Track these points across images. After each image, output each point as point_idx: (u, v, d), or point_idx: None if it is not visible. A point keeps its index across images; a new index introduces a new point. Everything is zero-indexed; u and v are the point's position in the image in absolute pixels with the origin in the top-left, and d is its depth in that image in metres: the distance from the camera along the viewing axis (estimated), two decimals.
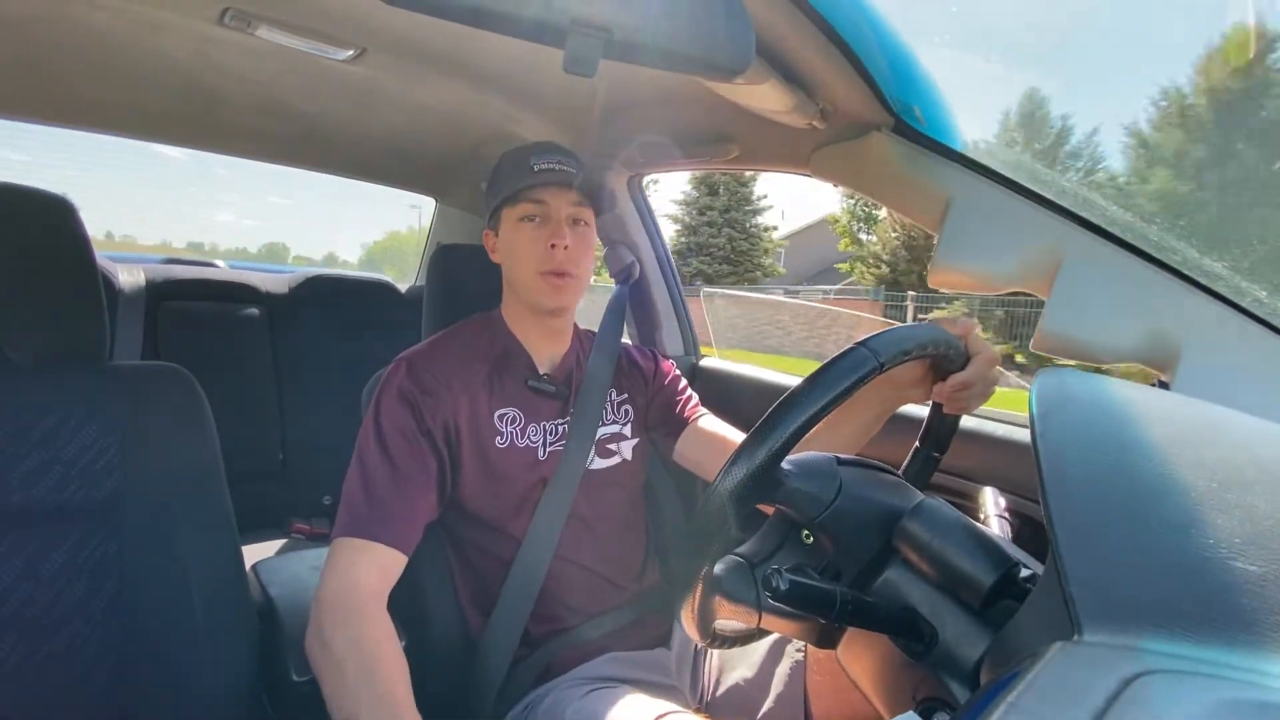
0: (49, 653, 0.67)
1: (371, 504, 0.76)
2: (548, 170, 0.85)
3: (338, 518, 0.76)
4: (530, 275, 0.87)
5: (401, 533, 0.75)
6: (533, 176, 0.85)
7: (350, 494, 0.77)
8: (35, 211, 0.70)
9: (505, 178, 0.89)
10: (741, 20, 0.56)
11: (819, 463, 0.56)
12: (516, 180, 0.86)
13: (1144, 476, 0.36)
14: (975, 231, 0.80)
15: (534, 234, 0.86)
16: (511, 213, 0.88)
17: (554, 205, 0.87)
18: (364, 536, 0.74)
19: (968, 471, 0.92)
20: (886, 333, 0.56)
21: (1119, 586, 0.32)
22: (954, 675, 0.46)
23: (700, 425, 0.98)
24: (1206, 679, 0.26)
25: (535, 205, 0.87)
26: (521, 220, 0.87)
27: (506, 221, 0.89)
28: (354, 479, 0.78)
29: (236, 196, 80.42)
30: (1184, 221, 9.20)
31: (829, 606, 0.48)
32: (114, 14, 0.93)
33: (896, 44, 0.80)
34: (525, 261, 0.87)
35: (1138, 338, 0.74)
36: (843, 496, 0.54)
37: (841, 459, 0.57)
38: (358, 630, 0.68)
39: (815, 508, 0.53)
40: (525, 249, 0.87)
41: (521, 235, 0.87)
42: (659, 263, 1.52)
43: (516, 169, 0.87)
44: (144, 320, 1.52)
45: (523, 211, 0.87)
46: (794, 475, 0.53)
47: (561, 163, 0.87)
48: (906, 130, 0.85)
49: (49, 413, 0.70)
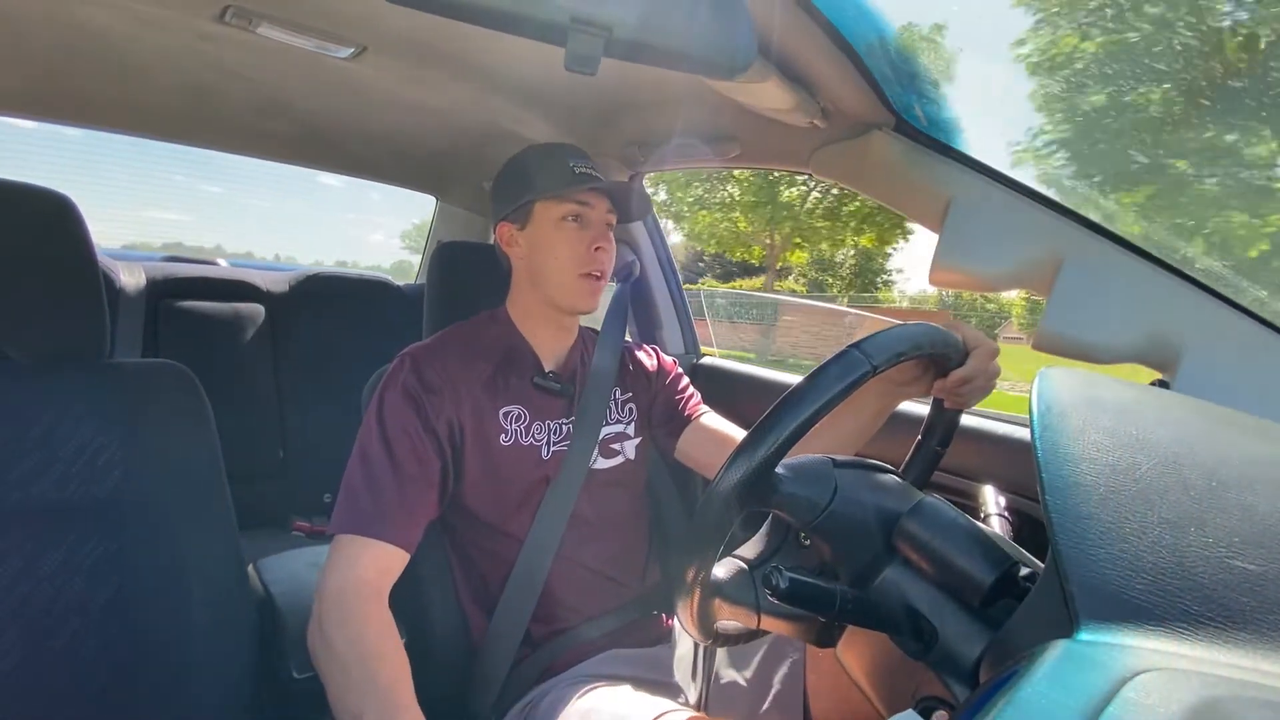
0: (48, 651, 0.67)
1: (374, 500, 0.75)
2: (587, 175, 0.86)
3: (336, 512, 0.76)
4: (569, 276, 0.87)
5: (404, 530, 0.75)
6: (576, 179, 0.85)
7: (351, 489, 0.77)
8: (36, 209, 0.70)
9: (541, 174, 0.87)
10: (743, 19, 0.56)
11: (814, 466, 0.55)
12: (558, 179, 0.86)
13: (1144, 475, 0.36)
14: (976, 231, 0.80)
15: (577, 235, 0.86)
16: (552, 210, 0.87)
17: (596, 209, 0.87)
18: (366, 534, 0.73)
19: (968, 470, 0.92)
20: (880, 334, 0.56)
21: (1118, 585, 0.32)
22: (953, 674, 0.46)
23: (702, 422, 0.98)
24: (1205, 677, 0.26)
25: (580, 207, 0.86)
26: (564, 220, 0.86)
27: (543, 219, 0.87)
28: (356, 474, 0.78)
29: (388, 219, 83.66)
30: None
31: (829, 605, 0.48)
32: (114, 11, 0.93)
33: (897, 43, 0.80)
34: (565, 261, 0.86)
35: (1138, 337, 0.74)
36: (838, 500, 0.53)
37: (838, 461, 0.56)
38: (359, 628, 0.68)
39: (810, 513, 0.53)
40: (566, 249, 0.86)
41: (563, 235, 0.86)
42: (659, 261, 1.52)
43: (554, 167, 0.86)
44: (144, 318, 1.52)
45: (567, 211, 0.86)
46: (788, 480, 0.53)
47: (595, 169, 0.88)
48: (907, 129, 0.85)
49: (49, 410, 0.70)
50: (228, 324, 1.62)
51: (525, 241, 0.90)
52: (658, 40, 0.52)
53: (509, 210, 0.90)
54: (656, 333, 1.53)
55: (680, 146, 1.21)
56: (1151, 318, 0.73)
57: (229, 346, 1.61)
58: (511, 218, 0.90)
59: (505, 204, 0.90)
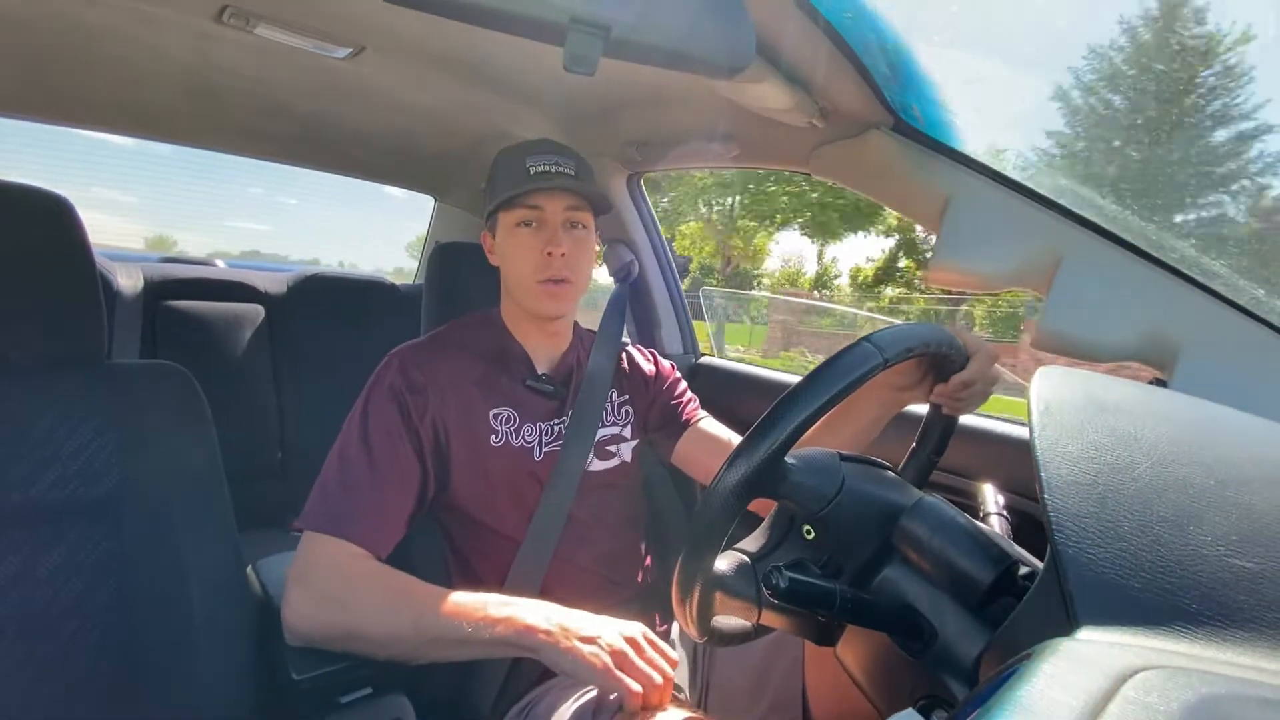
0: (47, 652, 0.66)
1: (345, 499, 0.75)
2: (543, 173, 0.83)
3: (307, 507, 0.76)
4: (527, 283, 0.86)
5: (373, 533, 0.75)
6: (528, 180, 0.83)
7: (324, 485, 0.77)
8: (33, 211, 0.70)
9: (501, 180, 0.87)
10: (741, 19, 0.56)
11: (822, 457, 0.56)
12: (512, 184, 0.84)
13: (1142, 474, 0.36)
14: (974, 230, 0.80)
15: (530, 240, 0.85)
16: (508, 218, 0.86)
17: (550, 210, 0.85)
18: (335, 533, 0.73)
19: (967, 469, 0.92)
20: (891, 329, 0.56)
21: (1117, 583, 0.32)
22: (952, 673, 0.46)
23: (700, 427, 0.98)
24: (1204, 675, 0.26)
25: (530, 210, 0.85)
26: (517, 226, 0.85)
27: (503, 226, 0.87)
28: (332, 471, 0.77)
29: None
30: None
31: (828, 605, 0.48)
32: (112, 11, 0.93)
33: (895, 43, 0.80)
34: (521, 268, 0.86)
35: (1136, 336, 0.74)
36: (845, 492, 0.54)
37: (844, 455, 0.57)
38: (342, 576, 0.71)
39: (818, 502, 0.53)
40: (521, 256, 0.85)
41: (517, 241, 0.85)
42: (658, 261, 1.52)
43: (512, 172, 0.85)
44: (142, 319, 1.51)
45: (518, 217, 0.85)
46: (797, 469, 0.53)
47: (559, 164, 0.84)
48: (905, 129, 0.85)
49: (47, 412, 0.70)
50: (226, 325, 1.61)
51: (497, 250, 0.90)
52: (656, 40, 0.52)
53: (487, 221, 0.91)
54: (655, 332, 1.53)
55: (679, 146, 1.21)
56: (1149, 316, 0.73)
57: (227, 347, 1.61)
58: (489, 226, 0.91)
59: (484, 213, 0.91)
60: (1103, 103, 11.98)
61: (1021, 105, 27.45)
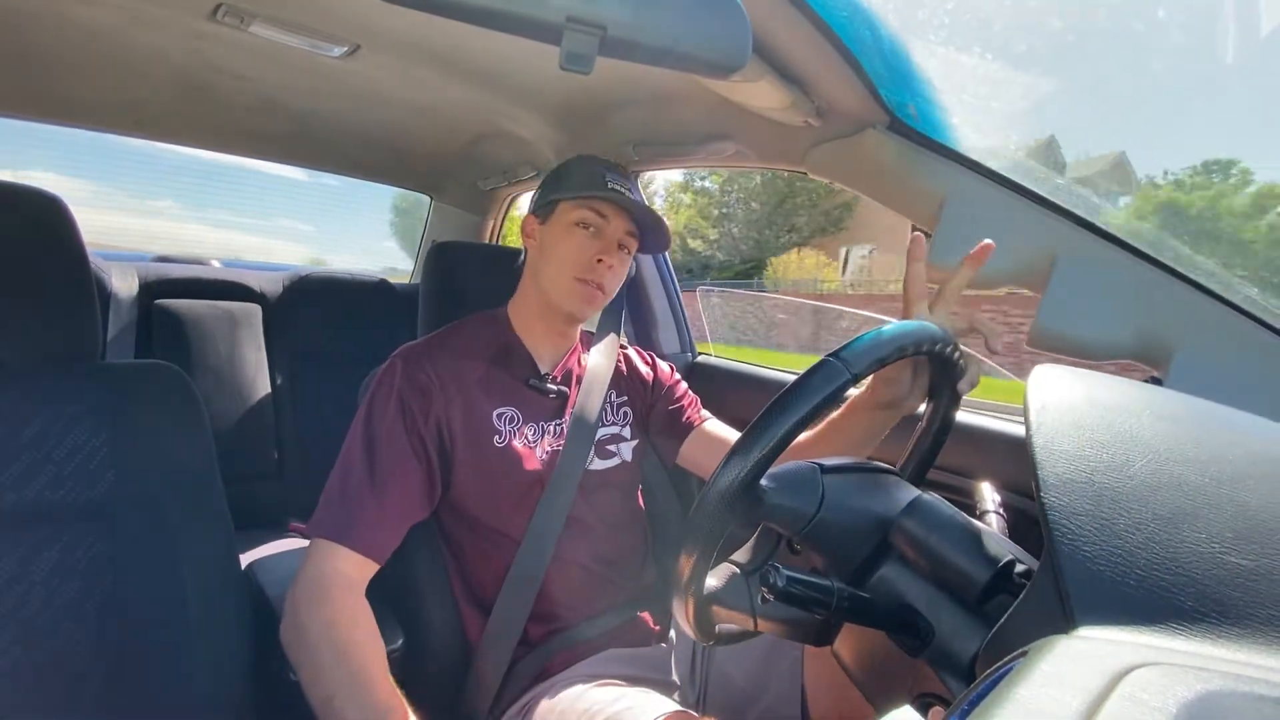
0: (43, 653, 0.66)
1: (349, 510, 0.76)
2: (618, 191, 0.86)
3: (315, 514, 0.77)
4: (565, 277, 0.87)
5: (374, 540, 0.75)
6: (604, 190, 0.85)
7: (329, 493, 0.78)
8: (27, 210, 0.69)
9: (575, 176, 0.89)
10: (738, 18, 0.56)
11: (800, 474, 0.54)
12: (587, 185, 0.87)
13: (1138, 472, 0.36)
14: (970, 228, 0.80)
15: (586, 242, 0.87)
16: (570, 213, 0.88)
17: (614, 224, 0.88)
18: (337, 540, 0.74)
19: (964, 467, 0.92)
20: (858, 341, 0.53)
21: (1113, 581, 0.32)
22: (950, 670, 0.46)
23: (705, 429, 0.98)
24: (1200, 672, 0.26)
25: (597, 216, 0.87)
26: (576, 225, 0.87)
27: (560, 218, 0.89)
28: (336, 480, 0.78)
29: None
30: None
31: (826, 603, 0.48)
32: (106, 10, 0.93)
33: (891, 42, 0.80)
34: (565, 263, 0.87)
35: (1131, 334, 0.74)
36: (825, 508, 0.52)
37: (825, 466, 0.55)
38: (331, 614, 0.69)
39: (799, 523, 0.53)
40: (570, 252, 0.87)
41: (572, 238, 0.87)
42: (655, 261, 1.52)
43: (589, 175, 0.88)
44: (137, 319, 1.51)
45: (582, 217, 0.87)
46: (773, 492, 0.52)
47: (630, 190, 0.88)
48: (901, 127, 0.86)
49: (41, 412, 0.69)
50: (221, 324, 1.61)
51: (540, 236, 0.91)
52: (653, 39, 0.52)
53: (539, 204, 0.92)
54: (653, 332, 1.53)
55: (675, 145, 1.21)
56: (1144, 314, 0.74)
57: (223, 347, 1.60)
58: (538, 211, 0.92)
59: (538, 198, 0.93)
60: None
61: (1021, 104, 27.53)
